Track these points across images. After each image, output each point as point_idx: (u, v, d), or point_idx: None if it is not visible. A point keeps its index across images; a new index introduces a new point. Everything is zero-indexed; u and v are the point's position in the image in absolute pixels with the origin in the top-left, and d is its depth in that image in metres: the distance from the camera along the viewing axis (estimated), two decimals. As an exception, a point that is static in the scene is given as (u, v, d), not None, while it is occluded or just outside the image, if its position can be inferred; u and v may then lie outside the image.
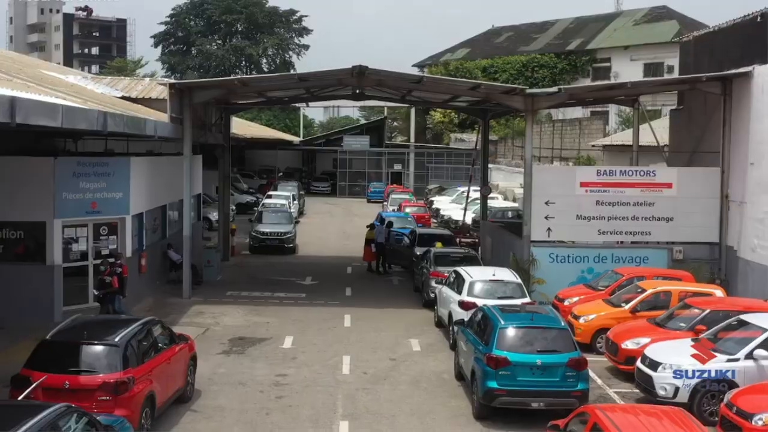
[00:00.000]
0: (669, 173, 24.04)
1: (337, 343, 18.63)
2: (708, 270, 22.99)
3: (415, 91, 26.86)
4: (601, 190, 23.47)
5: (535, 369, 13.24)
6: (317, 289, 25.29)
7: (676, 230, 23.53)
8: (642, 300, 18.39)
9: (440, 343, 18.85)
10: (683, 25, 65.78)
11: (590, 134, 46.15)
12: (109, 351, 11.73)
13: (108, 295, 18.95)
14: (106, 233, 20.96)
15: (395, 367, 16.89)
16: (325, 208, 53.77)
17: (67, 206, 19.86)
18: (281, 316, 21.23)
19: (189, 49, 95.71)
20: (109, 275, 18.94)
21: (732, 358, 13.94)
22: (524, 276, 21.41)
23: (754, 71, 21.92)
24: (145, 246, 23.14)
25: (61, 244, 19.91)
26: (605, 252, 23.14)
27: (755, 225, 21.74)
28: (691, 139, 26.06)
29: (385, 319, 21.36)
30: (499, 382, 13.20)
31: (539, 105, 24.14)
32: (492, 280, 18.91)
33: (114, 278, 18.94)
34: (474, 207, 36.91)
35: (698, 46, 27.41)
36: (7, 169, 19.51)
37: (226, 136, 30.37)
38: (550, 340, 13.70)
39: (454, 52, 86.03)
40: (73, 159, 20.78)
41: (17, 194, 19.34)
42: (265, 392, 14.92)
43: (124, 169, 21.35)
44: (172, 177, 25.13)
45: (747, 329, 14.68)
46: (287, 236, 32.56)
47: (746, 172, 22.27)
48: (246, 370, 16.27)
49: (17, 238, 19.93)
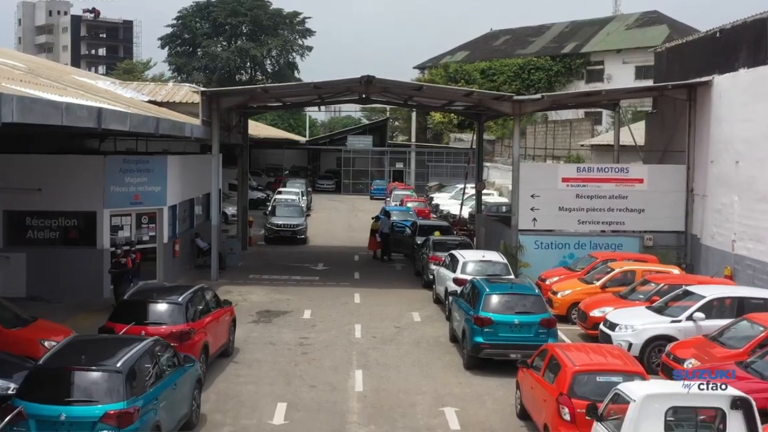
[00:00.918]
0: (640, 170, 27.16)
1: (349, 315, 21.72)
2: (675, 255, 26.09)
3: (416, 96, 29.99)
4: (580, 185, 26.57)
5: (513, 327, 16.35)
6: (329, 274, 28.37)
7: (646, 220, 26.60)
8: (611, 278, 21.48)
9: (437, 315, 21.94)
10: (673, 29, 68.56)
11: (580, 134, 49.23)
12: (174, 308, 14.86)
13: (123, 277, 21.16)
14: (146, 222, 24.07)
15: (399, 332, 19.99)
16: (330, 204, 56.78)
17: (114, 198, 22.94)
18: (299, 295, 24.31)
19: (195, 50, 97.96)
20: (123, 257, 21.38)
21: (675, 320, 17.05)
22: (512, 260, 24.48)
23: (713, 80, 25.02)
24: (178, 234, 26.25)
25: (108, 231, 22.96)
26: (584, 239, 26.20)
27: (714, 215, 24.84)
28: (663, 139, 29.15)
29: (390, 297, 24.46)
30: (484, 337, 16.31)
31: (525, 109, 27.25)
32: (482, 260, 22.06)
33: (128, 259, 21.41)
34: (471, 202, 39.92)
35: (670, 56, 30.52)
36: (63, 166, 22.69)
37: (244, 136, 33.50)
38: (526, 304, 16.84)
39: (453, 54, 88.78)
40: (119, 157, 23.95)
41: (71, 187, 22.42)
42: (292, 350, 18.02)
43: (162, 166, 24.45)
44: (198, 173, 28.27)
45: (691, 298, 17.77)
46: (299, 228, 35.66)
47: (707, 169, 25.37)
48: (274, 335, 19.37)
49: (71, 225, 23.02)
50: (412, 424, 13.60)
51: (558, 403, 11.48)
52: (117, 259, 21.57)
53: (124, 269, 21.29)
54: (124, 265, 21.30)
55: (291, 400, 14.58)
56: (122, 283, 21.09)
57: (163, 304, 15.04)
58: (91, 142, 29.56)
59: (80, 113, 13.56)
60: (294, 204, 39.51)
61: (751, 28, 23.69)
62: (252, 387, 15.28)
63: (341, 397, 14.88)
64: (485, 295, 16.86)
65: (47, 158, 22.99)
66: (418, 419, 13.85)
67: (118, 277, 21.33)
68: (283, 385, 15.50)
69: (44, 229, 22.80)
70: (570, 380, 11.57)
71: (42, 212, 22.58)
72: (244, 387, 15.26)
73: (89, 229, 22.87)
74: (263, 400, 14.51)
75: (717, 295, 17.56)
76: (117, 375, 10.55)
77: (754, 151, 22.51)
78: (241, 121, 32.70)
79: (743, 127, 23.16)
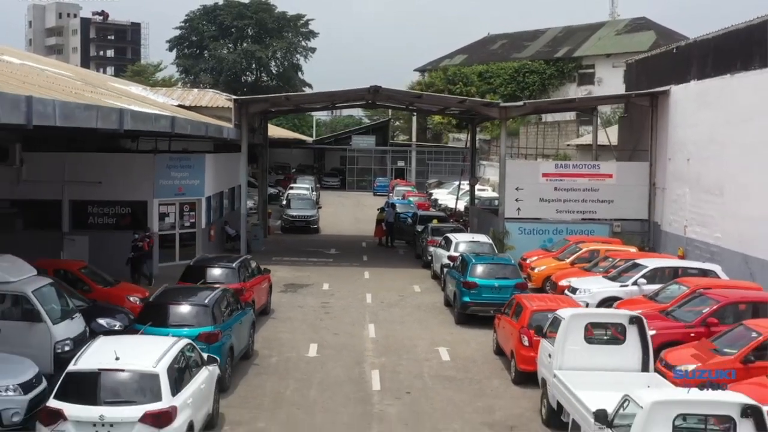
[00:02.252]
0: (610, 166, 31.45)
1: (361, 287, 26.03)
2: (639, 240, 30.35)
3: (416, 102, 34.32)
4: (558, 179, 30.83)
5: (493, 289, 20.65)
6: (340, 256, 32.67)
7: (615, 210, 30.83)
8: (579, 256, 25.79)
9: (434, 288, 26.24)
10: (660, 35, 72.62)
11: (567, 135, 53.52)
12: (230, 271, 19.23)
13: (140, 259, 24.86)
14: (188, 210, 28.39)
15: (403, 299, 24.33)
16: (337, 200, 61.07)
17: (162, 189, 27.25)
18: (317, 272, 28.60)
19: (202, 52, 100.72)
20: (140, 242, 25.19)
21: (623, 285, 21.35)
22: (499, 244, 28.74)
23: (671, 90, 29.31)
24: (212, 221, 30.55)
25: (157, 217, 27.28)
26: (561, 226, 30.46)
27: (671, 205, 29.13)
28: (632, 139, 33.41)
29: (394, 274, 28.78)
30: (470, 297, 20.63)
31: (510, 114, 31.55)
32: (471, 240, 26.41)
33: (144, 243, 25.27)
34: (467, 197, 44.21)
35: (639, 67, 34.85)
36: (119, 163, 27.02)
37: (264, 137, 37.82)
38: (504, 272, 21.23)
39: (452, 57, 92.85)
40: (166, 155, 28.26)
41: (126, 180, 26.72)
42: (316, 311, 22.34)
43: (201, 163, 28.77)
44: (228, 169, 32.60)
45: (637, 269, 22.06)
46: (312, 218, 40.01)
47: (666, 166, 29.65)
48: (300, 300, 23.69)
49: (125, 213, 27.30)
50: (414, 357, 17.91)
51: (520, 333, 15.78)
52: (135, 243, 25.08)
53: (141, 252, 25.06)
54: (141, 248, 25.06)
55: (320, 342, 18.92)
56: (141, 264, 24.86)
57: (221, 268, 19.46)
58: (124, 141, 33.69)
59: (164, 122, 17.87)
60: (307, 198, 43.87)
61: (700, 47, 27.99)
62: (288, 334, 19.60)
63: (359, 341, 19.21)
64: (472, 264, 21.21)
65: (107, 156, 27.32)
66: (419, 354, 18.18)
67: (137, 259, 24.91)
68: (313, 333, 19.84)
69: (103, 215, 27.07)
70: (529, 317, 15.87)
71: (101, 201, 26.84)
72: (282, 334, 19.58)
73: (141, 215, 27.16)
74: (299, 342, 18.83)
75: (657, 266, 21.91)
76: (205, 308, 14.88)
77: (701, 151, 26.80)
78: (262, 123, 37.00)
79: (693, 130, 27.45)
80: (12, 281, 14.47)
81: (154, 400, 10.80)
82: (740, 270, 23.15)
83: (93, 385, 10.95)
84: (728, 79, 25.12)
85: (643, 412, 9.45)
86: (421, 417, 14.09)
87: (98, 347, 11.78)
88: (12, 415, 12.15)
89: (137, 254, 25.02)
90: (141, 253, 25.10)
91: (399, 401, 14.85)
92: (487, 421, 13.95)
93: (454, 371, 16.91)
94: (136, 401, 10.84)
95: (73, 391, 10.86)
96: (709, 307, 17.02)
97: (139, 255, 25.04)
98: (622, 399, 10.10)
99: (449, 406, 14.64)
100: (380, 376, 16.36)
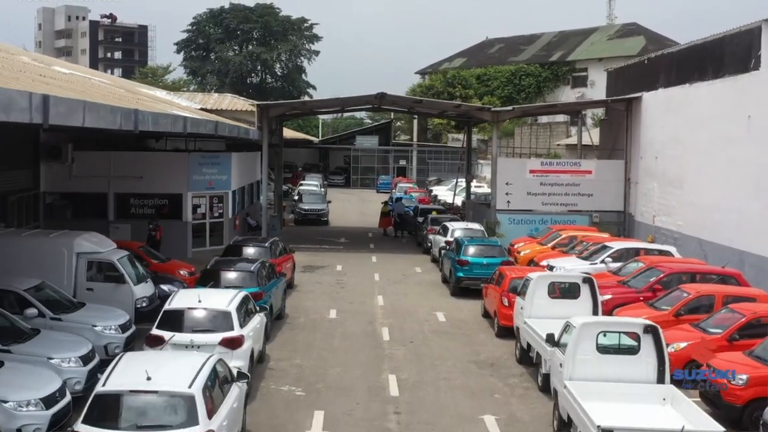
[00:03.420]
0: (589, 164, 35.37)
1: (370, 269, 29.93)
2: (615, 229, 34.24)
3: (417, 107, 38.23)
4: (543, 175, 34.74)
5: (482, 266, 24.52)
6: (350, 244, 36.58)
7: (594, 202, 34.74)
8: (559, 242, 29.67)
9: (433, 269, 30.14)
10: (649, 40, 76.35)
11: (557, 135, 57.46)
12: (264, 249, 23.19)
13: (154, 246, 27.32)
14: (216, 202, 32.27)
15: (406, 277, 28.25)
16: (342, 196, 64.83)
17: (194, 184, 31.11)
18: (330, 257, 32.49)
19: (208, 54, 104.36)
20: (153, 230, 28.71)
21: (593, 263, 25.22)
22: (491, 233, 32.62)
23: (642, 96, 33.22)
24: (236, 212, 34.46)
25: (191, 208, 31.14)
26: (546, 216, 34.36)
27: (642, 198, 33.04)
28: (611, 139, 37.33)
29: (398, 258, 32.70)
30: (463, 273, 24.55)
31: (502, 117, 35.46)
32: (465, 228, 30.32)
33: (156, 233, 28.74)
34: (463, 194, 48.11)
35: (618, 75, 38.77)
36: (158, 160, 30.92)
37: (280, 137, 41.73)
38: (492, 252, 25.14)
39: (451, 61, 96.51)
40: (198, 154, 32.21)
41: (164, 176, 30.59)
42: (333, 286, 26.25)
43: (228, 160, 32.67)
44: (248, 166, 36.52)
45: (605, 251, 25.94)
46: (323, 211, 43.95)
47: (639, 163, 33.54)
48: (318, 278, 27.60)
49: (162, 204, 31.17)
50: (416, 318, 21.83)
51: (501, 296, 19.69)
52: (150, 232, 28.48)
53: (154, 240, 28.37)
54: (154, 237, 28.46)
55: (338, 308, 22.85)
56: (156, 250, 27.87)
57: (256, 246, 23.39)
58: (149, 141, 37.57)
59: (210, 126, 21.81)
60: (317, 193, 47.84)
61: (667, 59, 31.90)
62: (311, 303, 23.52)
63: (370, 307, 23.14)
64: (465, 245, 25.16)
65: (147, 154, 31.25)
66: (420, 316, 22.09)
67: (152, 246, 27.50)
68: (331, 302, 23.76)
69: (143, 206, 30.90)
70: (508, 283, 19.78)
71: (142, 194, 30.70)
72: (306, 303, 23.50)
73: (177, 207, 31.04)
74: (320, 308, 22.76)
75: (621, 247, 25.81)
76: (251, 273, 18.80)
77: (666, 150, 30.70)
78: (278, 125, 40.91)
79: (660, 132, 31.36)
80: (101, 252, 18.40)
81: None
82: (696, 252, 27.06)
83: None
84: (687, 88, 29.03)
85: (577, 331, 12.98)
86: (422, 357, 17.99)
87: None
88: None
89: (151, 242, 28.13)
90: (153, 241, 28.36)
91: (404, 347, 18.77)
92: (474, 360, 17.85)
93: (448, 328, 20.85)
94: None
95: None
96: (656, 277, 20.93)
97: (153, 243, 28.14)
98: (564, 325, 13.81)
99: (444, 351, 18.55)
100: (389, 331, 20.28)
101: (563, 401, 12.75)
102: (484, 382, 16.21)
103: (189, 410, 10.06)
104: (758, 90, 23.89)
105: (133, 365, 10.95)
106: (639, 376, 12.75)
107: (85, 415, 10.00)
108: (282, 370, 16.61)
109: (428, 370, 17.00)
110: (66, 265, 17.92)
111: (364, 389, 15.51)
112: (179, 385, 10.34)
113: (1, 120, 9.38)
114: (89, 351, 14.15)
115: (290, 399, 14.85)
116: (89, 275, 18.26)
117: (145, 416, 10.18)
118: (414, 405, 14.67)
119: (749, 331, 15.95)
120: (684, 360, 15.72)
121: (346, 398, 14.92)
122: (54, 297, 16.36)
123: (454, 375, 16.66)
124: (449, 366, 17.37)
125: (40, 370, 12.68)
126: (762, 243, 23.45)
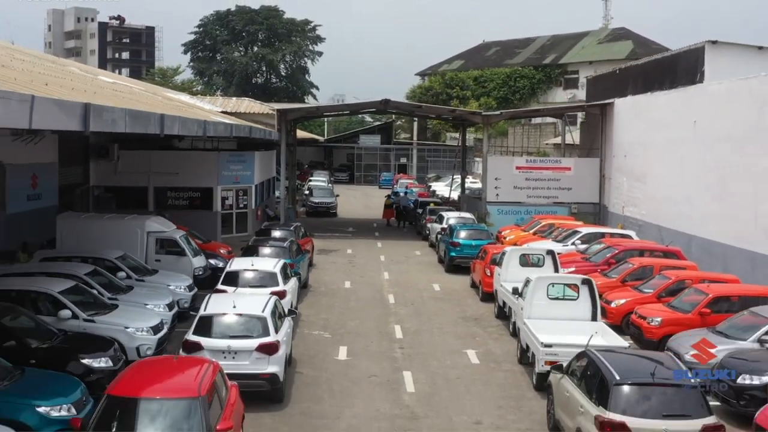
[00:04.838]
0: (569, 161, 40.09)
1: (376, 252, 34.68)
2: (591, 218, 38.95)
3: (417, 111, 42.98)
4: (528, 171, 39.43)
5: (472, 247, 29.18)
6: (357, 233, 41.32)
7: (573, 195, 39.43)
8: (539, 229, 34.38)
9: (431, 253, 34.87)
10: (637, 44, 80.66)
11: (546, 135, 62.18)
12: (290, 230, 27.90)
13: None
14: (242, 195, 36.98)
15: (407, 259, 33.00)
16: (347, 192, 69.32)
17: (223, 179, 35.77)
18: (341, 243, 37.21)
19: (215, 55, 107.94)
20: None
21: (565, 245, 29.91)
22: (482, 222, 37.32)
23: (614, 102, 37.92)
24: (258, 203, 39.17)
25: (220, 200, 35.81)
26: (531, 208, 39.05)
27: (614, 191, 37.75)
28: (590, 140, 42.04)
29: (401, 244, 37.44)
30: (455, 253, 29.33)
31: (491, 120, 40.19)
32: (458, 216, 35.06)
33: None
34: (459, 189, 52.84)
35: (596, 82, 43.51)
36: (192, 158, 35.64)
37: (294, 138, 46.44)
38: (480, 235, 29.87)
39: (450, 63, 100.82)
40: (226, 152, 36.89)
41: (197, 171, 35.25)
42: (345, 265, 30.99)
43: (252, 158, 37.37)
44: (267, 164, 41.23)
45: (576, 235, 30.65)
46: (332, 204, 48.72)
47: (612, 161, 38.24)
48: (332, 259, 32.34)
49: (196, 197, 35.83)
50: (416, 288, 26.58)
51: (484, 267, 24.41)
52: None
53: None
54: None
55: (352, 280, 27.60)
56: None
57: (283, 229, 28.12)
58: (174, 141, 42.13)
59: (246, 130, 26.51)
60: (326, 188, 52.57)
61: (635, 70, 36.63)
62: (329, 277, 28.25)
63: (378, 280, 27.89)
64: (457, 230, 29.94)
65: (182, 153, 35.92)
66: (419, 286, 26.85)
67: None
68: (345, 276, 28.49)
69: (178, 198, 35.53)
70: (490, 257, 24.49)
71: (177, 188, 35.35)
72: (324, 276, 28.22)
73: (208, 199, 35.72)
74: (337, 281, 27.49)
75: (589, 231, 30.54)
76: (284, 248, 23.52)
77: (633, 149, 35.40)
78: (293, 127, 45.62)
79: (628, 134, 36.05)
80: (166, 231, 23.13)
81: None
82: (655, 236, 31.75)
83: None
84: (649, 96, 33.73)
85: (532, 283, 17.85)
86: (421, 314, 22.73)
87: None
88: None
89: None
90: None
91: (407, 308, 23.52)
92: (461, 316, 22.59)
93: (442, 295, 25.60)
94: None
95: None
96: (611, 253, 25.66)
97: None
98: (525, 280, 18.58)
99: (438, 310, 23.30)
100: (394, 297, 25.03)
101: (523, 335, 17.45)
102: (468, 330, 20.96)
103: (264, 327, 14.63)
104: (702, 100, 28.59)
105: (219, 300, 15.63)
106: (578, 316, 17.25)
107: (194, 330, 14.50)
108: (312, 321, 21.35)
109: (425, 322, 21.75)
110: (139, 242, 22.64)
111: (376, 333, 20.26)
112: (256, 310, 15.00)
113: (139, 132, 13.97)
114: (172, 301, 18.74)
115: (320, 339, 19.59)
116: (157, 249, 22.96)
117: (233, 330, 14.70)
118: (414, 343, 19.43)
119: (673, 290, 20.70)
120: (623, 313, 20.61)
121: (363, 339, 19.67)
122: (135, 264, 21.06)
123: (446, 325, 21.41)
124: (442, 320, 22.10)
125: (146, 309, 17.33)
126: (705, 227, 28.15)
